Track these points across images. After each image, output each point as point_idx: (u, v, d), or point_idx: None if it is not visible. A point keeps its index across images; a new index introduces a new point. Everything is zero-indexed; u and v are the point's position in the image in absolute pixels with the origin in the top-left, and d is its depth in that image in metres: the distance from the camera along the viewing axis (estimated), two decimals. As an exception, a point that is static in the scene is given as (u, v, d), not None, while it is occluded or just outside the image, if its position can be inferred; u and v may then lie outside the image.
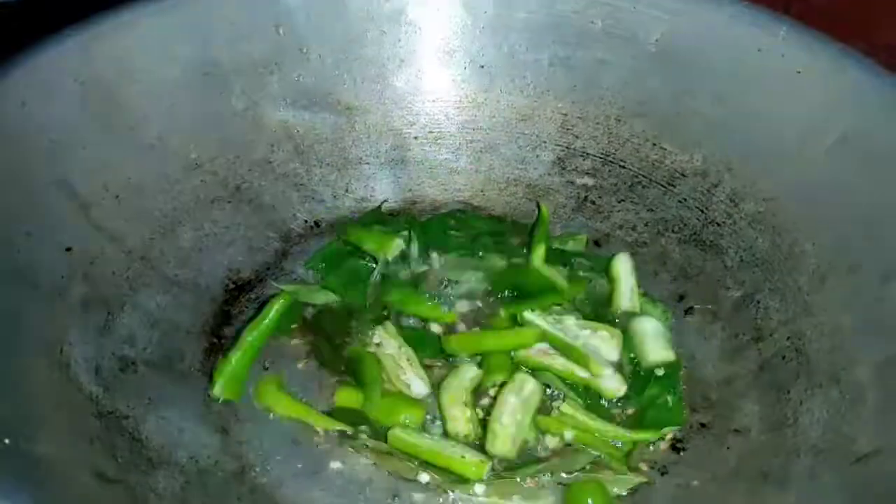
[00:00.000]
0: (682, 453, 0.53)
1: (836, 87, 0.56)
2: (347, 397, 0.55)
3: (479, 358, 0.57)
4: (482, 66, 0.69)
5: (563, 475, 0.51)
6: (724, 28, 0.62)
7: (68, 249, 0.53)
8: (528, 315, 0.58)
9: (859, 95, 0.55)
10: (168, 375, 0.53)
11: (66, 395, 0.46)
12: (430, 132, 0.70)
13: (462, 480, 0.50)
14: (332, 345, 0.58)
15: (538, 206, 0.66)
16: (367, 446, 0.52)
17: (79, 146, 0.55)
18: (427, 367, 0.56)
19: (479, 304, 0.61)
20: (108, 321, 0.53)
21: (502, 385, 0.54)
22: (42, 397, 0.44)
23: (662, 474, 0.52)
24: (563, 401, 0.54)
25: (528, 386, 0.54)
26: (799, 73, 0.58)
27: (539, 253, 0.62)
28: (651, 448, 0.53)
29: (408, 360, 0.57)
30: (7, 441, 0.37)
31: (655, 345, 0.58)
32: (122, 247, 0.56)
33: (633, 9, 0.65)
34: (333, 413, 0.54)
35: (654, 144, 0.66)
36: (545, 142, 0.69)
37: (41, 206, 0.52)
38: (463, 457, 0.50)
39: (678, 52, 0.64)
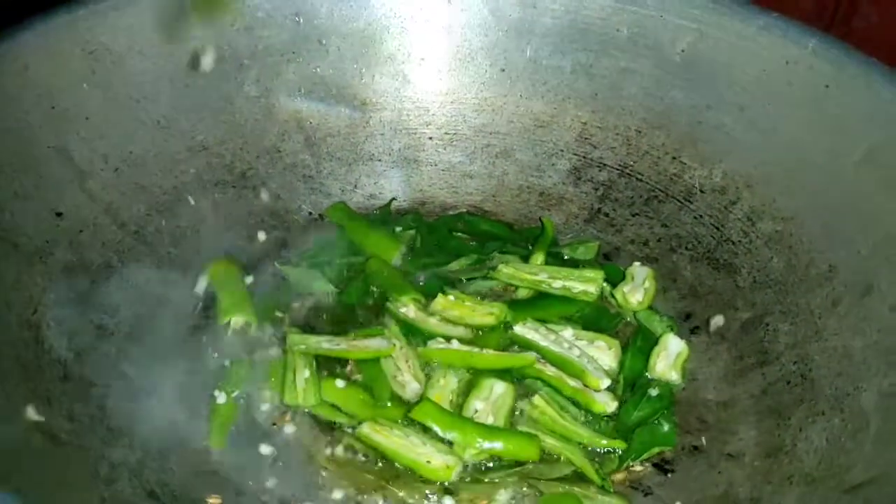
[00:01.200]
0: (669, 475, 0.49)
1: (864, 102, 0.53)
2: (332, 392, 0.53)
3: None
4: (503, 70, 0.67)
5: (542, 489, 0.48)
6: (752, 39, 0.59)
7: (59, 214, 0.52)
8: (518, 329, 0.55)
9: (888, 110, 0.52)
10: (145, 350, 0.52)
11: (31, 354, 0.45)
12: (446, 133, 0.69)
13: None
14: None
15: (541, 221, 0.64)
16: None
17: (81, 115, 0.55)
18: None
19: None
20: (91, 290, 0.52)
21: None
22: (3, 351, 0.43)
23: (646, 495, 0.49)
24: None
25: (497, 389, 0.51)
26: (827, 87, 0.55)
27: (538, 259, 0.60)
28: (638, 468, 0.50)
29: (407, 361, 0.55)
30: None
31: (667, 362, 0.55)
32: (115, 219, 0.56)
33: (660, 17, 0.63)
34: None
35: (674, 158, 0.63)
36: (562, 150, 0.67)
37: (35, 170, 0.52)
38: (429, 461, 0.48)
39: (704, 62, 0.61)
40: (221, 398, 0.51)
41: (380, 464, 0.49)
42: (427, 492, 0.48)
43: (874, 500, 0.31)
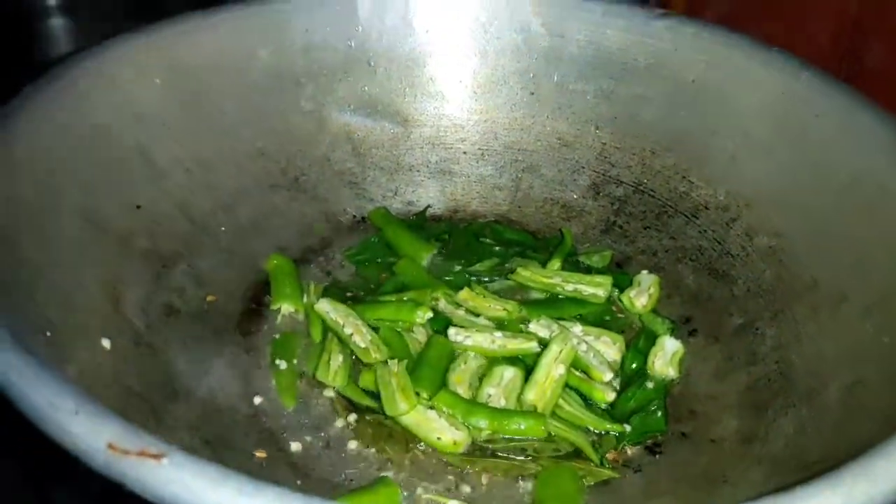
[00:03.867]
0: (658, 456, 0.56)
1: (849, 132, 0.59)
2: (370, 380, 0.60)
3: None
4: (532, 93, 0.75)
5: (542, 464, 0.55)
6: (754, 72, 0.66)
7: (138, 207, 0.61)
8: (533, 326, 0.62)
9: (870, 141, 0.58)
10: (206, 327, 0.60)
11: (112, 320, 0.53)
12: (479, 149, 0.76)
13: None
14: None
15: (561, 231, 0.71)
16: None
17: (160, 121, 0.64)
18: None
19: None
20: (162, 273, 0.60)
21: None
22: (89, 315, 0.51)
23: (635, 472, 0.55)
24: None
25: (507, 374, 0.58)
26: (817, 116, 0.61)
27: (555, 265, 0.66)
28: (630, 450, 0.56)
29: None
30: (49, 334, 0.44)
31: (664, 360, 0.61)
32: (186, 214, 0.64)
33: (674, 50, 0.69)
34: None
35: (683, 177, 0.70)
36: (583, 167, 0.74)
37: (119, 168, 0.60)
38: (439, 437, 0.55)
39: (712, 92, 0.68)
40: (283, 365, 0.59)
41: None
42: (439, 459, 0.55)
43: (823, 474, 0.37)
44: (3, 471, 0.64)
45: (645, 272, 0.67)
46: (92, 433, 0.33)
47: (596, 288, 0.65)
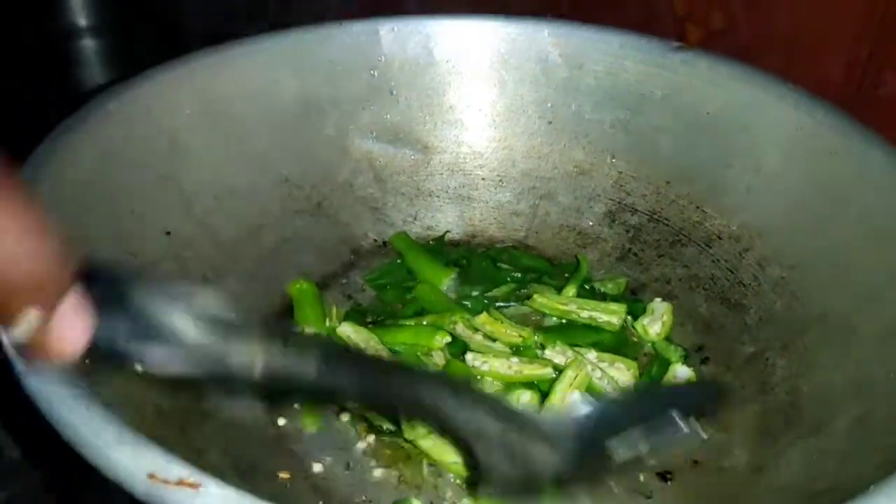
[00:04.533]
0: (669, 483, 0.57)
1: (861, 168, 0.61)
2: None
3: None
4: (550, 122, 0.77)
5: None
6: (769, 107, 0.67)
7: (168, 233, 0.63)
8: (548, 353, 0.64)
9: (884, 178, 0.59)
10: (232, 349, 0.62)
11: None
12: (497, 175, 0.78)
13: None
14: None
15: (577, 258, 0.72)
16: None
17: (191, 150, 0.66)
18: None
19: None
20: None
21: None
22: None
23: (647, 498, 0.56)
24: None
25: (523, 398, 0.60)
26: (830, 153, 0.63)
27: (570, 292, 0.68)
28: (641, 478, 0.58)
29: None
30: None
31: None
32: (213, 239, 0.67)
33: (690, 83, 0.71)
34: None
35: (697, 207, 0.71)
36: (599, 195, 0.76)
37: (150, 195, 0.63)
38: (455, 462, 0.56)
39: (727, 125, 0.70)
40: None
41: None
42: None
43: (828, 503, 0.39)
44: (29, 478, 0.66)
45: (658, 300, 0.69)
46: (133, 463, 0.35)
47: (610, 315, 0.67)
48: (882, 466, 0.43)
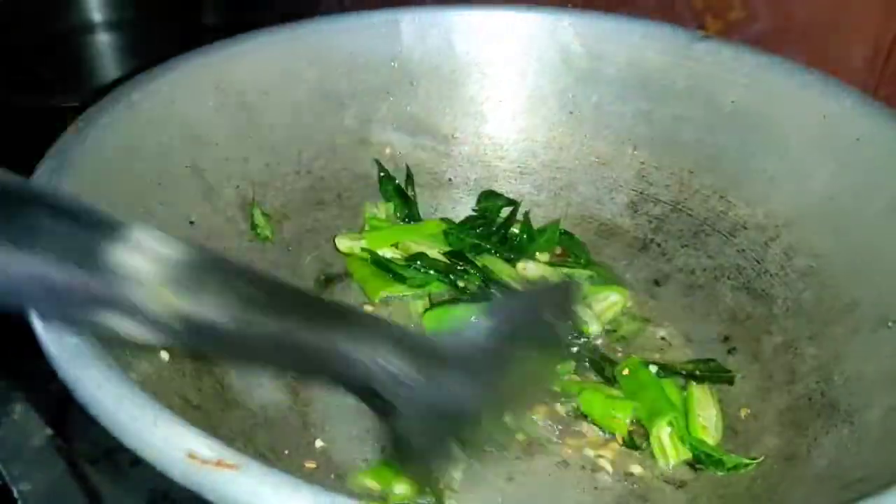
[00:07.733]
0: (699, 472, 0.57)
1: (889, 155, 0.60)
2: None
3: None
4: (571, 113, 0.76)
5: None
6: (793, 95, 0.66)
7: (191, 223, 0.63)
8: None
9: (911, 164, 0.59)
10: (255, 340, 0.62)
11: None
12: (518, 167, 0.77)
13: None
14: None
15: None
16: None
17: (213, 141, 0.66)
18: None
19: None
20: (214, 287, 0.62)
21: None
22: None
23: (678, 488, 0.56)
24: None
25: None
26: (858, 140, 0.62)
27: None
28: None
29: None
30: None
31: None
32: (235, 229, 0.66)
33: (713, 73, 0.70)
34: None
35: (721, 197, 0.71)
36: (621, 186, 0.75)
37: (174, 185, 0.62)
38: None
39: (751, 113, 0.69)
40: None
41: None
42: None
43: (864, 492, 0.38)
44: (51, 468, 0.66)
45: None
46: (172, 444, 0.35)
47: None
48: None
